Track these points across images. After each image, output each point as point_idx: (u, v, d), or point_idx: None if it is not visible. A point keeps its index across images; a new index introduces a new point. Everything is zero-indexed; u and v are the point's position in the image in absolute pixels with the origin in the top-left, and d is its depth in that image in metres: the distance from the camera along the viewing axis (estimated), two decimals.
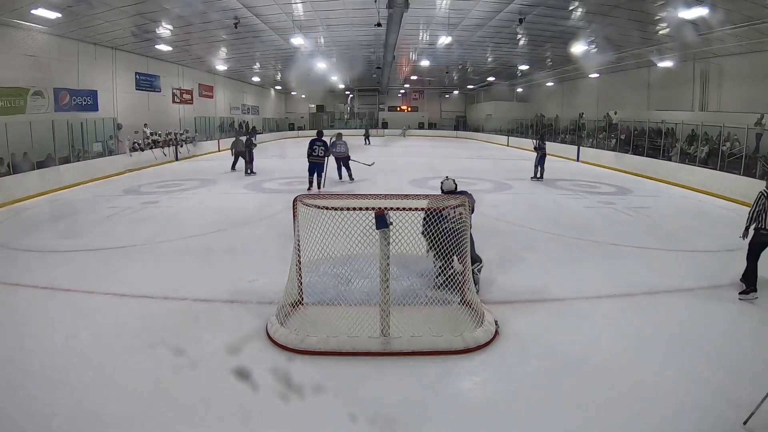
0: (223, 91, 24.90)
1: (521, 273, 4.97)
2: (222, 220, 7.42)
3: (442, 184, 4.61)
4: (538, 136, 13.48)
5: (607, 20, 12.23)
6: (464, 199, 3.80)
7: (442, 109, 37.65)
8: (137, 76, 16.59)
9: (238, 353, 3.28)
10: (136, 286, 4.54)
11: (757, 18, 9.84)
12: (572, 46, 15.20)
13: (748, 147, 10.18)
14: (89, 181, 11.83)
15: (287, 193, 9.39)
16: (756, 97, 12.03)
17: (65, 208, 8.83)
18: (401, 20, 12.43)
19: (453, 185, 4.59)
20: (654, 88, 17.07)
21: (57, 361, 3.19)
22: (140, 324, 3.77)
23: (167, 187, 11.07)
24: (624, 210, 8.39)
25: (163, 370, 3.07)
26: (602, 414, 2.66)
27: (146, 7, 11.35)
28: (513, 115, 27.35)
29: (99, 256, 5.72)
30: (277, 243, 5.63)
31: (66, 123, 11.75)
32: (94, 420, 2.61)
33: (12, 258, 5.71)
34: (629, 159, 14.40)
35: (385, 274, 3.33)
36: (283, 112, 36.51)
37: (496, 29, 14.85)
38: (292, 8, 12.75)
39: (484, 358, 3.25)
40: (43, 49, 11.75)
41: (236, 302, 4.19)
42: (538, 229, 6.80)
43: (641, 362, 3.21)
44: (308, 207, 3.52)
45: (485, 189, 10.42)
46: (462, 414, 2.71)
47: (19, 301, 4.30)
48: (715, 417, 2.65)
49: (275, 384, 2.93)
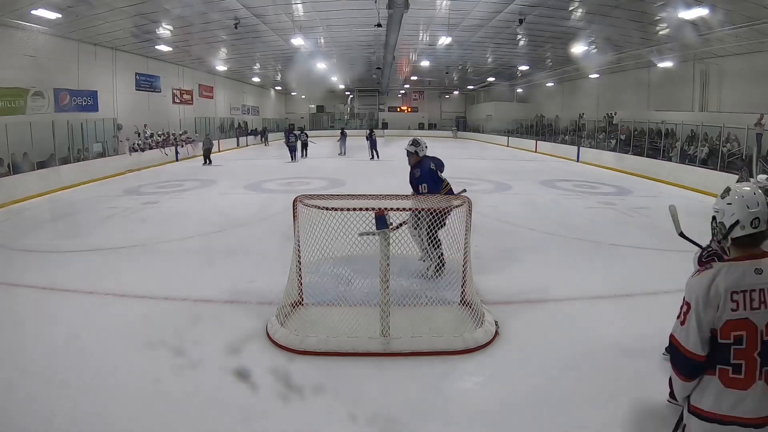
0: (223, 91, 24.90)
1: (521, 273, 4.97)
2: (222, 220, 7.42)
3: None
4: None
5: (607, 21, 12.24)
6: (465, 199, 3.80)
7: (442, 110, 37.66)
8: (137, 76, 16.60)
9: (238, 353, 3.28)
10: (136, 286, 4.54)
11: (757, 18, 9.84)
12: (572, 47, 15.22)
13: (749, 148, 10.18)
14: (89, 181, 11.83)
15: (287, 193, 9.39)
16: (756, 97, 12.04)
17: (65, 209, 8.84)
18: (401, 21, 12.43)
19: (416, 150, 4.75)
20: (654, 88, 17.08)
21: (57, 361, 3.19)
22: (140, 324, 3.76)
23: (167, 187, 11.07)
24: (624, 210, 8.39)
25: (163, 370, 3.07)
26: (602, 415, 2.66)
27: (146, 8, 11.36)
28: (513, 115, 27.36)
29: (99, 256, 5.71)
30: (277, 243, 5.62)
31: (66, 123, 11.76)
32: (94, 420, 2.60)
33: (12, 258, 5.70)
34: (629, 159, 14.40)
35: (385, 275, 3.33)
36: (283, 112, 36.53)
37: (496, 30, 14.86)
38: (292, 8, 12.76)
39: (484, 358, 3.24)
40: (43, 49, 11.75)
41: (236, 302, 4.19)
42: (538, 230, 6.79)
43: (642, 363, 3.21)
44: (308, 207, 3.52)
45: (485, 189, 10.42)
46: (462, 414, 2.71)
47: (19, 302, 4.29)
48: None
49: (275, 384, 2.92)
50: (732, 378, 1.49)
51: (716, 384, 1.50)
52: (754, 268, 1.49)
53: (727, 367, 1.49)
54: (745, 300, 1.47)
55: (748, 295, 1.47)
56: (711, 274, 1.51)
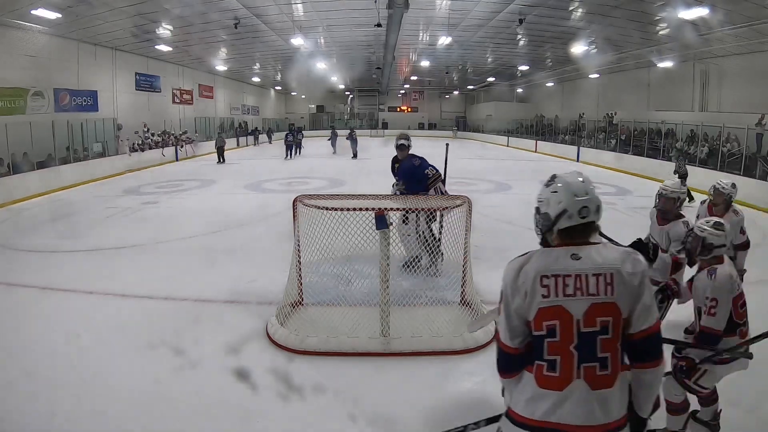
0: (223, 91, 24.90)
1: None
2: (222, 220, 7.41)
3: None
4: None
5: (607, 20, 12.23)
6: (465, 199, 3.79)
7: (442, 110, 37.63)
8: (137, 76, 16.60)
9: (238, 353, 3.28)
10: (136, 286, 4.54)
11: (757, 18, 9.84)
12: (572, 47, 15.21)
13: (748, 147, 10.19)
14: (89, 181, 11.83)
15: (287, 193, 9.39)
16: (756, 97, 12.03)
17: (65, 208, 8.83)
18: (401, 20, 12.42)
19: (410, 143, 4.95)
20: (654, 88, 17.08)
21: (57, 361, 3.19)
22: (140, 324, 3.76)
23: (167, 187, 11.07)
24: (624, 210, 8.39)
25: (163, 370, 3.07)
26: None
27: (146, 8, 11.35)
28: (513, 115, 27.35)
29: (99, 256, 5.71)
30: (277, 243, 5.62)
31: (66, 123, 11.76)
32: (94, 420, 2.60)
33: (12, 258, 5.70)
34: (629, 159, 14.40)
35: (385, 275, 3.33)
36: (283, 112, 36.52)
37: (496, 30, 14.85)
38: (292, 8, 12.75)
39: (484, 358, 3.23)
40: (43, 49, 11.75)
41: (236, 302, 4.19)
42: None
43: None
44: (308, 207, 3.52)
45: (485, 189, 10.42)
46: (462, 415, 2.71)
47: (19, 301, 4.30)
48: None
49: (275, 384, 2.92)
50: (546, 376, 1.29)
51: (531, 383, 1.31)
52: (570, 253, 1.33)
53: (542, 363, 1.30)
54: (557, 285, 1.29)
55: (561, 280, 1.29)
56: (522, 260, 1.36)
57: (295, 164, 16.22)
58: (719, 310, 2.14)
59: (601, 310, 1.28)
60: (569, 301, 1.28)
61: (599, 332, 1.27)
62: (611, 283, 1.28)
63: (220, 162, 16.22)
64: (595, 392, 1.26)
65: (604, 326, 1.27)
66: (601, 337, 1.27)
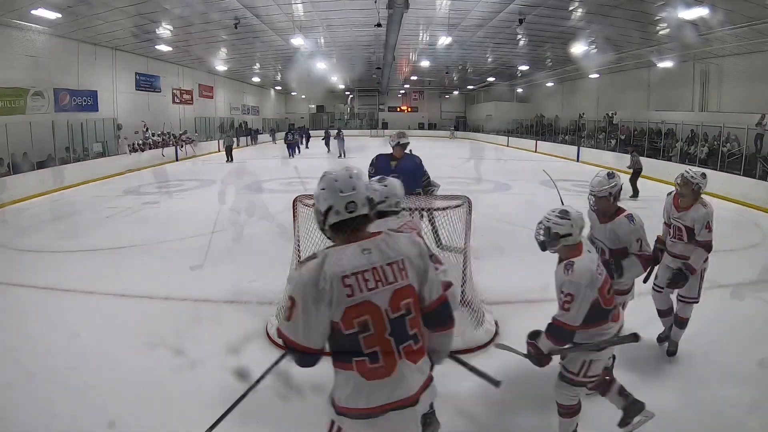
0: (223, 91, 24.91)
1: (521, 273, 4.94)
2: (222, 220, 7.41)
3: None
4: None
5: (607, 20, 12.23)
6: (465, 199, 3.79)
7: (442, 110, 37.62)
8: (137, 76, 16.61)
9: (238, 353, 3.28)
10: (136, 286, 4.54)
11: (757, 18, 9.85)
12: (572, 47, 15.21)
13: (748, 148, 10.18)
14: (89, 181, 11.83)
15: (287, 193, 9.38)
16: (756, 97, 12.04)
17: (65, 208, 8.83)
18: (401, 20, 12.44)
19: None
20: (654, 88, 17.08)
21: (57, 361, 3.19)
22: (140, 324, 3.77)
23: (167, 187, 11.07)
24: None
25: (163, 370, 3.07)
26: (602, 413, 2.66)
27: (146, 7, 11.36)
28: (513, 115, 27.35)
29: (99, 256, 5.72)
30: (277, 243, 5.60)
31: (66, 123, 11.76)
32: (94, 420, 2.61)
33: (12, 258, 5.71)
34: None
35: None
36: (283, 112, 36.51)
37: (496, 29, 14.86)
38: (292, 8, 12.75)
39: (484, 358, 3.23)
40: (43, 49, 11.76)
41: (236, 302, 4.19)
42: None
43: (641, 361, 3.21)
44: (308, 207, 3.51)
45: (485, 189, 10.42)
46: (462, 415, 2.71)
47: (19, 301, 4.30)
48: (717, 417, 2.65)
49: (275, 384, 2.91)
50: (372, 368, 1.36)
51: (358, 379, 1.37)
52: (361, 249, 1.38)
53: (363, 359, 1.36)
54: (359, 282, 1.35)
55: (361, 276, 1.35)
56: (316, 264, 1.36)
57: (295, 164, 16.24)
58: (574, 305, 2.08)
59: (402, 294, 1.40)
60: (374, 294, 1.37)
61: (405, 314, 1.40)
62: (404, 269, 1.41)
63: (228, 161, 16.26)
64: (416, 365, 1.42)
65: (408, 308, 1.41)
66: (408, 317, 1.41)
